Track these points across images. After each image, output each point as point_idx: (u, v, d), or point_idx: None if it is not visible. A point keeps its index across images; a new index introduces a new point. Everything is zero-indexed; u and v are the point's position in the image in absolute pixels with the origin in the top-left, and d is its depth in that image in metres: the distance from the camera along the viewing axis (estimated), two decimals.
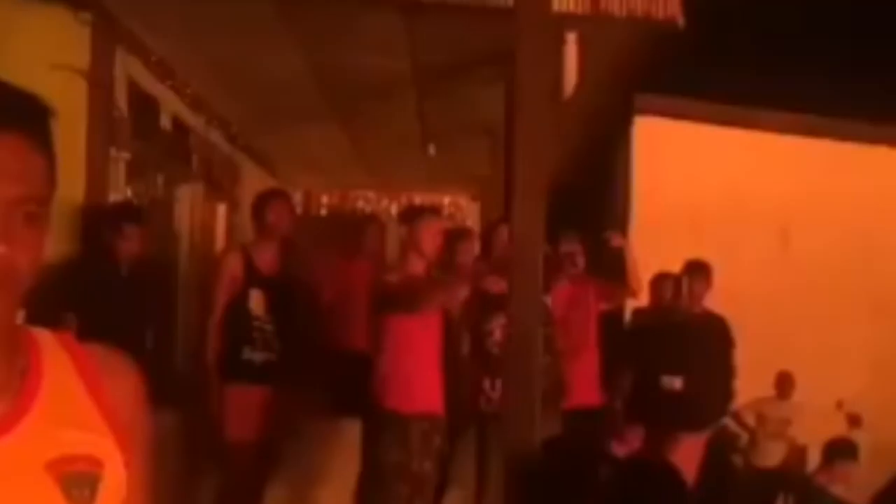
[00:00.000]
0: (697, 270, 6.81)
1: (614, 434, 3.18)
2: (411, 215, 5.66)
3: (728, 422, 7.82)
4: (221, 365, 5.40)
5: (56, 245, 5.23)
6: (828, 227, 8.98)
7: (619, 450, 3.06)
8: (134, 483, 1.29)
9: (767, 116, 9.14)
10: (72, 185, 5.50)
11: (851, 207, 9.04)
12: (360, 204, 12.77)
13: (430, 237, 5.37)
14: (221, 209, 8.83)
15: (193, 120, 7.69)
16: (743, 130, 9.07)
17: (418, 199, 11.07)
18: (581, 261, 6.45)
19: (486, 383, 5.51)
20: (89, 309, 4.99)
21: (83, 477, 1.20)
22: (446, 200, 12.66)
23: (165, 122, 7.13)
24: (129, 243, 5.40)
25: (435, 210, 5.85)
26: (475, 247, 6.43)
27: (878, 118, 9.24)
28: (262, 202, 5.69)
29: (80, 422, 1.24)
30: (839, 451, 6.78)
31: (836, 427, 8.03)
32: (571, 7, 5.54)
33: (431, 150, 9.42)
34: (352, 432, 5.55)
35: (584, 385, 6.12)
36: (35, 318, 1.34)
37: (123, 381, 1.32)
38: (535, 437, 4.29)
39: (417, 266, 5.36)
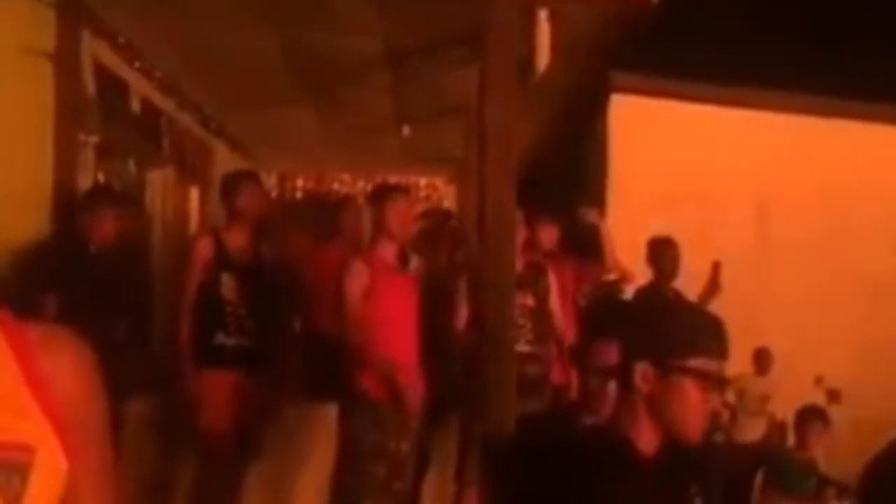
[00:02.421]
0: (668, 246, 6.60)
1: (588, 408, 3.17)
2: (377, 195, 5.51)
3: None
4: (195, 351, 5.36)
5: (26, 229, 5.17)
6: (806, 203, 9.00)
7: (592, 421, 3.05)
8: (84, 463, 1.25)
9: (744, 93, 9.13)
10: (40, 170, 5.43)
11: (830, 183, 9.05)
12: (336, 186, 12.70)
13: (397, 218, 5.21)
14: (194, 193, 8.75)
15: (164, 103, 7.60)
16: (720, 108, 9.06)
17: (394, 181, 11.00)
18: (556, 240, 6.41)
19: None
20: (66, 292, 4.93)
21: (12, 465, 1.15)
22: (422, 182, 12.63)
23: (135, 105, 7.04)
24: (104, 224, 5.30)
25: (403, 189, 5.62)
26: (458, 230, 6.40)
27: (856, 94, 9.24)
28: (231, 185, 5.62)
29: (11, 407, 1.18)
30: (807, 417, 6.80)
31: (816, 402, 8.03)
32: None
33: (406, 131, 9.37)
34: (328, 415, 5.53)
35: (561, 364, 6.09)
36: (14, 301, 1.30)
37: (64, 360, 1.27)
38: (512, 414, 4.28)
39: (388, 249, 5.26)
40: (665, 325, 2.23)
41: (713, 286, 6.73)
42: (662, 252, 6.51)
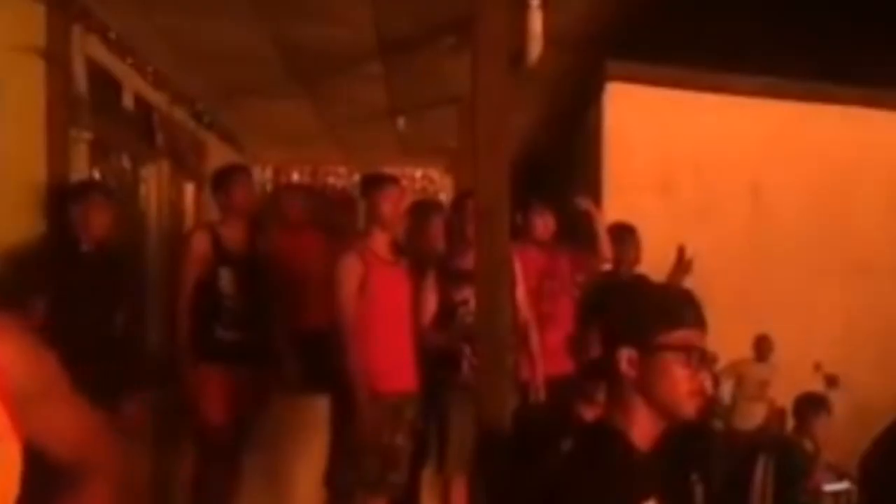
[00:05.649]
0: (629, 234, 6.48)
1: (584, 398, 3.15)
2: (368, 185, 5.49)
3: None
4: (193, 345, 5.37)
5: (20, 228, 5.15)
6: (801, 188, 8.98)
7: (589, 413, 3.03)
8: (46, 427, 1.37)
9: (738, 81, 9.09)
10: (33, 167, 5.40)
11: (824, 168, 9.03)
12: (331, 180, 12.68)
13: (389, 207, 5.21)
14: (189, 187, 8.72)
15: (157, 98, 7.56)
16: (715, 95, 9.02)
17: (389, 173, 10.98)
18: (552, 230, 6.38)
19: (467, 349, 5.38)
20: (58, 291, 4.89)
21: None
22: (418, 174, 12.62)
23: (128, 101, 7.00)
24: (99, 214, 5.15)
25: (393, 178, 5.56)
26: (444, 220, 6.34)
27: (847, 80, 9.21)
28: (224, 180, 5.64)
29: None
30: (807, 404, 6.79)
31: (814, 388, 8.03)
32: None
33: (401, 123, 9.34)
34: (324, 408, 5.53)
35: (559, 353, 6.04)
36: (3, 303, 1.37)
37: (7, 346, 1.33)
38: (507, 407, 4.27)
39: (380, 240, 5.24)
40: (638, 306, 2.21)
41: (680, 269, 6.66)
42: (622, 238, 6.40)
